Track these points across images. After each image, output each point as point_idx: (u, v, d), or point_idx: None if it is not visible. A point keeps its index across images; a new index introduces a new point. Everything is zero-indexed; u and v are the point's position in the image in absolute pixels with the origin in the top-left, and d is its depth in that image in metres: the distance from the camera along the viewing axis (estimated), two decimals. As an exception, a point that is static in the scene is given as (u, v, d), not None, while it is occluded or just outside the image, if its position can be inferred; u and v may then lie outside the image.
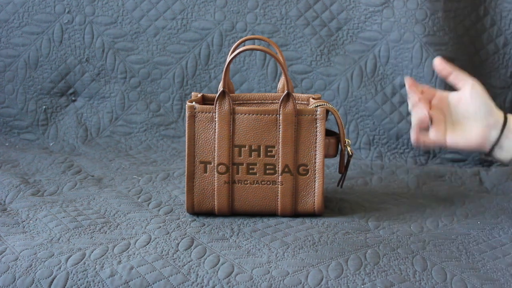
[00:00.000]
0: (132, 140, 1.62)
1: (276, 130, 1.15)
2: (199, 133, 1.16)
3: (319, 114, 1.15)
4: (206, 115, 1.16)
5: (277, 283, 0.97)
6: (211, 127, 1.16)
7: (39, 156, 1.51)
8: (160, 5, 1.63)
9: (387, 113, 1.55)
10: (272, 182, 1.16)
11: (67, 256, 1.03)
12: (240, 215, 1.18)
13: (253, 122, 1.15)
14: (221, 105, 1.15)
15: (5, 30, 1.66)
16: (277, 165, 1.16)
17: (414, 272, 1.00)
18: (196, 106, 1.16)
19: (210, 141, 1.16)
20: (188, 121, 1.16)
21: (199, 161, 1.16)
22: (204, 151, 1.16)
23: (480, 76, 1.53)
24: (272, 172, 1.16)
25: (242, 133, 1.15)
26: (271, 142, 1.15)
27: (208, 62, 1.62)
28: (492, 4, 1.53)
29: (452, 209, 1.25)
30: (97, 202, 1.25)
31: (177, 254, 1.04)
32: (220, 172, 1.16)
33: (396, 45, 1.54)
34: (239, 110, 1.15)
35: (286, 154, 1.15)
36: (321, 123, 1.15)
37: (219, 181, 1.16)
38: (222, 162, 1.16)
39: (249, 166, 1.16)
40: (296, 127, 1.15)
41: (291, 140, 1.15)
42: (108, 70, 1.64)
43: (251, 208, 1.17)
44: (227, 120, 1.15)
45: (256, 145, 1.15)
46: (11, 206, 1.23)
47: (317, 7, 1.58)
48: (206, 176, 1.16)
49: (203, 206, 1.17)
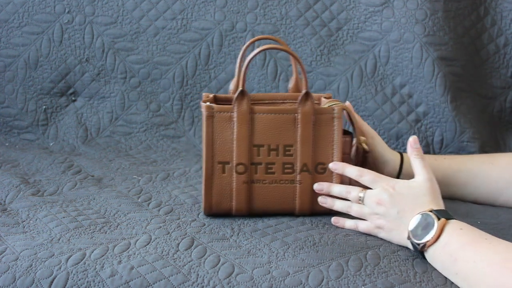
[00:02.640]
0: (132, 140, 1.62)
1: (295, 129, 1.15)
2: (217, 134, 1.15)
3: (337, 113, 1.15)
4: (224, 115, 1.15)
5: (277, 284, 0.97)
6: (229, 127, 1.15)
7: (39, 156, 1.51)
8: (160, 5, 1.63)
9: (387, 113, 1.55)
10: (291, 181, 1.16)
11: (67, 256, 1.03)
12: (258, 215, 1.17)
13: (272, 121, 1.15)
14: (240, 105, 1.14)
15: (5, 30, 1.65)
16: (295, 164, 1.16)
17: (415, 273, 1.00)
18: (214, 106, 1.15)
19: (228, 141, 1.15)
20: (206, 121, 1.15)
21: (217, 161, 1.15)
22: (222, 151, 1.15)
23: (481, 76, 1.54)
24: (291, 171, 1.16)
25: (261, 133, 1.15)
26: (290, 141, 1.15)
27: (208, 62, 1.62)
28: (493, 4, 1.52)
29: (452, 210, 1.25)
30: (97, 202, 1.25)
31: (177, 254, 1.04)
32: (239, 172, 1.15)
33: (396, 45, 1.54)
34: (258, 110, 1.15)
35: (304, 153, 1.15)
36: (338, 121, 1.15)
37: (237, 181, 1.15)
38: (241, 162, 1.15)
39: (268, 166, 1.15)
40: (314, 126, 1.15)
41: (309, 139, 1.15)
42: (108, 70, 1.64)
43: (269, 208, 1.17)
44: (246, 119, 1.14)
45: (274, 144, 1.15)
46: (11, 206, 1.23)
47: (317, 7, 1.58)
48: (224, 176, 1.16)
49: (221, 207, 1.17)
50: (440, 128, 1.51)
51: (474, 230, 0.99)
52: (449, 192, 1.27)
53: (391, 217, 1.06)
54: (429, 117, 1.52)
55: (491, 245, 0.94)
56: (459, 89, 1.52)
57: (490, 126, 1.53)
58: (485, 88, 1.54)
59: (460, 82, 1.52)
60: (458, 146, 1.50)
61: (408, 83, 1.54)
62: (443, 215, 1.01)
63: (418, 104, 1.53)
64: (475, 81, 1.53)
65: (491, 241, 0.95)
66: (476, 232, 0.98)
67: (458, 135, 1.51)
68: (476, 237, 0.97)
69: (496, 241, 0.95)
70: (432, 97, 1.51)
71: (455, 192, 1.28)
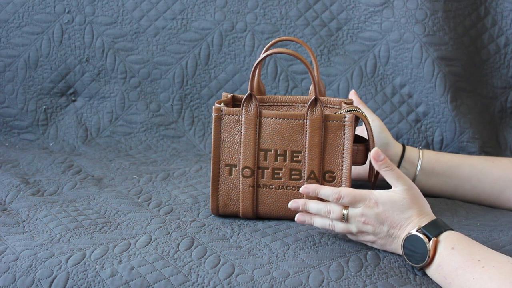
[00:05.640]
0: (132, 140, 1.62)
1: (303, 135, 1.13)
2: (225, 136, 1.14)
3: (348, 120, 1.11)
4: (232, 117, 1.14)
5: (278, 284, 0.97)
6: (237, 130, 1.14)
7: (39, 156, 1.51)
8: (160, 5, 1.63)
9: (387, 113, 1.55)
10: (297, 188, 1.13)
11: (67, 256, 1.03)
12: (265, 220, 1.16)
13: (280, 126, 1.13)
14: (247, 108, 1.13)
15: (5, 30, 1.65)
16: (303, 171, 1.13)
17: (415, 275, 1.00)
18: (223, 109, 1.14)
19: (236, 144, 1.14)
20: (215, 123, 1.14)
21: (224, 163, 1.15)
22: (229, 153, 1.15)
23: (481, 76, 1.54)
24: (298, 177, 1.14)
25: (268, 137, 1.13)
26: (298, 147, 1.13)
27: (208, 62, 1.62)
28: (493, 4, 1.52)
29: (452, 210, 1.25)
30: (97, 202, 1.25)
31: (177, 254, 1.04)
32: (245, 175, 1.14)
33: (396, 45, 1.54)
34: (265, 114, 1.13)
35: (312, 160, 1.12)
36: (349, 129, 1.11)
37: (243, 184, 1.15)
38: (247, 166, 1.14)
39: (275, 171, 1.14)
40: (324, 133, 1.12)
41: (318, 146, 1.12)
42: (108, 70, 1.64)
43: (275, 213, 1.16)
44: (254, 123, 1.13)
45: (282, 149, 1.13)
46: (11, 206, 1.23)
47: (317, 7, 1.58)
48: (231, 179, 1.15)
49: (228, 208, 1.16)
50: (440, 128, 1.51)
51: (465, 248, 0.96)
52: (451, 186, 1.27)
53: (381, 235, 1.03)
54: (429, 117, 1.52)
55: (484, 270, 0.92)
56: (459, 89, 1.52)
57: (491, 126, 1.53)
58: (486, 88, 1.54)
59: (460, 82, 1.52)
60: (458, 146, 1.50)
61: (408, 83, 1.54)
62: (432, 232, 0.98)
63: (418, 104, 1.53)
64: (475, 81, 1.53)
65: (484, 263, 0.93)
66: (467, 251, 0.95)
67: (458, 135, 1.50)
68: (469, 260, 0.94)
69: (489, 263, 0.93)
70: (432, 97, 1.51)
71: (456, 186, 1.28)
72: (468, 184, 1.28)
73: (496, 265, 0.92)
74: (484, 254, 0.95)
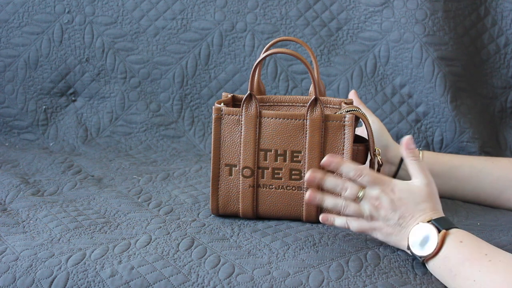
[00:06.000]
0: (132, 140, 1.62)
1: (303, 135, 1.12)
2: (225, 136, 1.14)
3: (348, 120, 1.11)
4: (232, 117, 1.14)
5: (278, 284, 0.97)
6: (237, 130, 1.14)
7: (39, 156, 1.51)
8: (160, 5, 1.63)
9: (387, 113, 1.55)
10: (298, 188, 1.14)
11: (67, 256, 1.03)
12: (265, 220, 1.16)
13: (280, 126, 1.13)
14: (247, 108, 1.13)
15: (5, 30, 1.65)
16: (303, 171, 1.13)
17: (415, 275, 1.00)
18: (223, 109, 1.14)
19: (236, 144, 1.14)
20: (215, 123, 1.14)
21: (224, 163, 1.15)
22: (229, 153, 1.14)
23: (481, 76, 1.54)
24: (298, 177, 1.13)
25: (268, 137, 1.13)
26: (298, 147, 1.13)
27: (208, 62, 1.62)
28: (493, 4, 1.52)
29: (452, 210, 1.25)
30: (97, 202, 1.25)
31: (177, 254, 1.04)
32: (245, 175, 1.14)
33: (396, 45, 1.54)
34: (265, 114, 1.13)
35: (312, 160, 1.12)
36: (349, 129, 1.11)
37: (243, 184, 1.14)
38: (247, 166, 1.14)
39: (275, 171, 1.14)
40: (324, 133, 1.12)
41: (318, 146, 1.12)
42: (108, 70, 1.64)
43: (276, 213, 1.15)
44: (253, 123, 1.13)
45: (282, 149, 1.13)
46: (11, 206, 1.23)
47: (317, 7, 1.58)
48: (231, 179, 1.15)
49: (228, 208, 1.16)
50: (440, 128, 1.51)
51: (474, 242, 0.97)
52: (451, 187, 1.27)
53: (391, 222, 1.03)
54: (429, 117, 1.52)
55: (490, 263, 0.93)
56: (459, 89, 1.52)
57: (491, 126, 1.53)
58: (486, 88, 1.54)
59: (460, 82, 1.52)
60: (458, 146, 1.50)
61: (408, 83, 1.54)
62: (443, 225, 0.99)
63: (418, 104, 1.53)
64: (475, 81, 1.53)
65: (491, 257, 0.94)
66: (476, 245, 0.97)
67: (458, 135, 1.51)
68: (476, 253, 0.95)
69: (496, 257, 0.94)
70: (432, 97, 1.51)
71: (456, 186, 1.28)
72: (468, 184, 1.28)
73: (502, 259, 0.93)
74: (491, 249, 0.96)
